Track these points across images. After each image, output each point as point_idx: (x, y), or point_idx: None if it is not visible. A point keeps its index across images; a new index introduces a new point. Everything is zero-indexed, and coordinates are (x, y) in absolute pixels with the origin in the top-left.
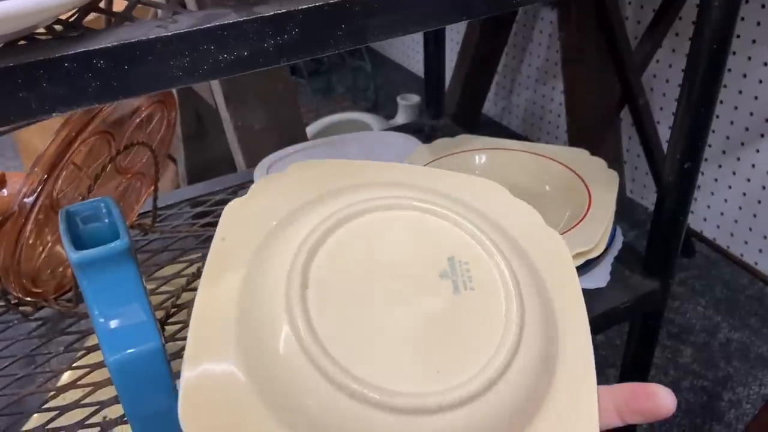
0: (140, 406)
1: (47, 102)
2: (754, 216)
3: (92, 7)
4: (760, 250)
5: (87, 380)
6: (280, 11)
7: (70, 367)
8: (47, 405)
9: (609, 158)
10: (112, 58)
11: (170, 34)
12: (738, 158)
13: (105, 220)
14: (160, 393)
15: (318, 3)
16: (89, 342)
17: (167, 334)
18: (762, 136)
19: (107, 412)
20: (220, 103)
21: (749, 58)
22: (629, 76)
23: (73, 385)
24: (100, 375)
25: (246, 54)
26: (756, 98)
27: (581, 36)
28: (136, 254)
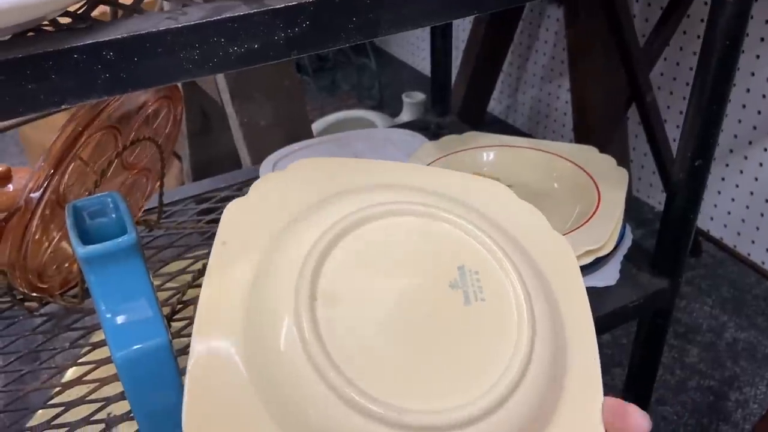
0: (147, 402)
1: (56, 94)
2: (762, 215)
3: None
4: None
5: (92, 376)
6: (291, 3)
7: (75, 363)
8: (52, 401)
9: (616, 157)
10: (122, 50)
11: (180, 26)
12: (745, 157)
13: (112, 215)
14: (167, 389)
15: None
16: (94, 338)
17: (173, 331)
18: None
19: (112, 409)
20: (226, 100)
21: (757, 57)
22: (637, 73)
23: (79, 381)
24: (106, 371)
25: (256, 47)
26: (764, 96)
27: (588, 33)
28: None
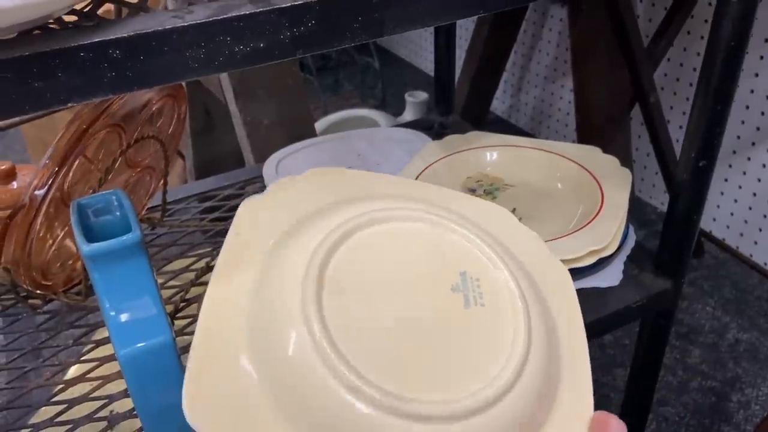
0: (150, 400)
1: (62, 92)
2: (764, 216)
3: None
4: None
5: (95, 374)
6: (297, 2)
7: (78, 361)
8: (55, 398)
9: (618, 157)
10: (128, 49)
11: (186, 25)
12: (749, 158)
13: (116, 213)
14: (170, 387)
15: None
16: (97, 335)
17: (176, 329)
18: None
19: (115, 406)
20: (230, 98)
21: (761, 57)
22: (641, 74)
23: (82, 379)
24: (109, 369)
25: (262, 46)
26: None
27: (592, 33)
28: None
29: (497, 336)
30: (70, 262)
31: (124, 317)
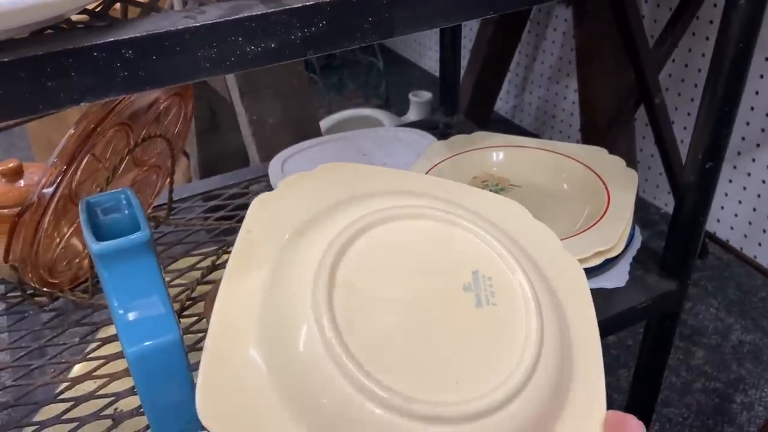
0: (157, 398)
1: (75, 91)
2: None
3: None
4: None
5: (101, 372)
6: (308, 3)
7: (84, 359)
8: (61, 396)
9: (622, 158)
10: (141, 49)
11: (198, 25)
12: (753, 159)
13: (125, 212)
14: (178, 384)
15: None
16: (103, 334)
17: (182, 327)
18: None
19: (120, 405)
20: (235, 97)
21: (766, 59)
22: (646, 75)
23: (87, 377)
24: (114, 367)
25: (273, 46)
26: None
27: (597, 34)
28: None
29: (509, 336)
30: (77, 260)
31: (133, 315)
